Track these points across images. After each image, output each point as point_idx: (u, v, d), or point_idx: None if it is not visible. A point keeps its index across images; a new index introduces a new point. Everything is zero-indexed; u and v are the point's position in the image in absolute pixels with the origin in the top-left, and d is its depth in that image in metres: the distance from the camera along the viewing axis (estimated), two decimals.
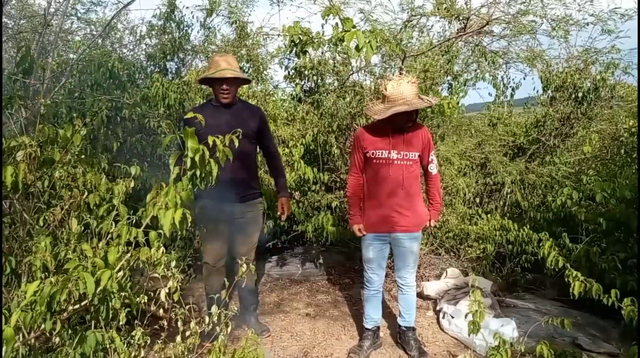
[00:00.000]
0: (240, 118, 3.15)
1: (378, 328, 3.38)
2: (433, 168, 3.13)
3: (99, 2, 4.97)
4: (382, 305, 3.37)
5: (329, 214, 4.31)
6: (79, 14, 5.04)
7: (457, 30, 4.38)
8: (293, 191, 4.67)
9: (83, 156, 2.07)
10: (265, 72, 5.87)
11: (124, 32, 6.93)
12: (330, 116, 4.60)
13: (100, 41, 6.43)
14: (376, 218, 3.11)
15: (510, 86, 6.04)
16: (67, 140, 1.89)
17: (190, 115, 1.66)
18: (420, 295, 4.11)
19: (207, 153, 1.60)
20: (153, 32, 6.07)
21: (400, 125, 2.96)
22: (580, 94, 4.99)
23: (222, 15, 6.46)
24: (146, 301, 1.86)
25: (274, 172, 3.55)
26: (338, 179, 4.80)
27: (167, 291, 1.74)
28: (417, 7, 4.32)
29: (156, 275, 1.77)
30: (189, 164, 1.54)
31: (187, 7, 6.56)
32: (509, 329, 3.29)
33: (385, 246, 3.17)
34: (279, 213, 3.49)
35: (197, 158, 1.54)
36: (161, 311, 1.88)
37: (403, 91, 2.86)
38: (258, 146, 3.42)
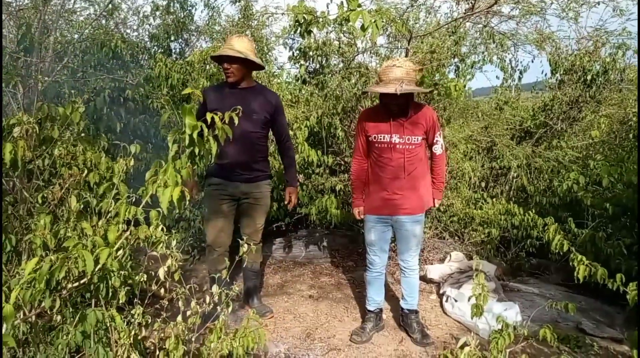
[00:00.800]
0: (247, 100, 3.11)
1: (381, 310, 3.38)
2: (437, 149, 3.09)
3: None
4: (385, 288, 3.36)
5: (333, 197, 4.28)
6: None
7: (465, 10, 4.30)
8: (297, 174, 4.65)
9: (83, 135, 2.05)
10: (269, 53, 5.82)
11: (128, 13, 6.86)
12: (335, 98, 4.55)
13: (104, 21, 6.38)
14: (379, 201, 3.09)
15: (518, 69, 5.97)
16: (67, 118, 1.87)
17: (188, 91, 1.63)
18: (423, 279, 4.10)
19: (205, 130, 1.58)
20: (157, 13, 6.01)
21: (388, 107, 2.93)
22: (589, 77, 4.91)
23: None
24: (146, 280, 1.85)
25: (284, 160, 3.52)
26: (342, 162, 4.77)
27: (165, 270, 1.72)
28: None
29: (155, 253, 1.75)
30: (187, 141, 1.52)
31: None
32: (512, 313, 3.28)
33: (387, 228, 3.15)
34: (286, 202, 3.49)
35: (195, 136, 1.51)
36: (162, 290, 1.88)
37: (389, 73, 2.84)
38: (274, 130, 3.39)
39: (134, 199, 1.80)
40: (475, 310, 2.62)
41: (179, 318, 1.84)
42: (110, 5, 6.38)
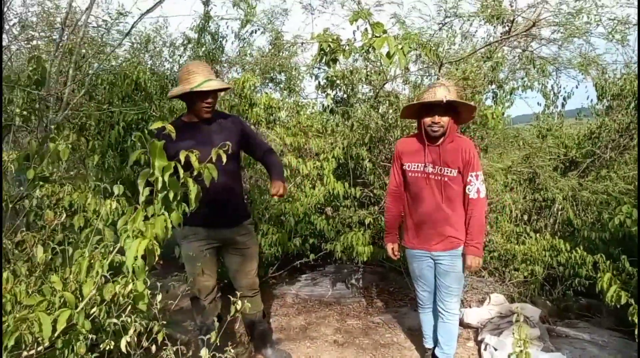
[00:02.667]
0: (228, 132, 2.78)
1: None
2: (471, 190, 2.70)
3: (126, 13, 4.88)
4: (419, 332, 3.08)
5: (360, 234, 3.99)
6: (103, 26, 4.98)
7: (501, 34, 4.05)
8: (323, 207, 4.42)
9: (72, 172, 1.89)
10: (298, 83, 5.72)
11: (163, 46, 6.95)
12: (363, 127, 4.35)
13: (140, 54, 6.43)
14: (415, 234, 2.88)
15: (562, 95, 5.64)
16: (55, 154, 1.71)
17: (158, 125, 1.41)
18: (460, 323, 3.75)
19: (181, 171, 1.36)
20: (189, 45, 6.05)
21: (425, 129, 2.72)
22: None
23: (257, 25, 6.39)
24: (127, 340, 1.63)
25: (273, 161, 3.01)
26: (371, 195, 4.52)
27: (128, 340, 1.49)
28: (451, 8, 4.00)
29: (122, 318, 1.52)
30: (159, 185, 1.31)
31: (222, 18, 6.53)
32: None
33: (430, 262, 2.90)
34: (273, 192, 2.88)
35: (166, 178, 1.30)
36: (154, 347, 1.66)
37: (436, 88, 2.65)
38: (251, 151, 3.03)
39: (115, 247, 1.59)
40: None
41: None
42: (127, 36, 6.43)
